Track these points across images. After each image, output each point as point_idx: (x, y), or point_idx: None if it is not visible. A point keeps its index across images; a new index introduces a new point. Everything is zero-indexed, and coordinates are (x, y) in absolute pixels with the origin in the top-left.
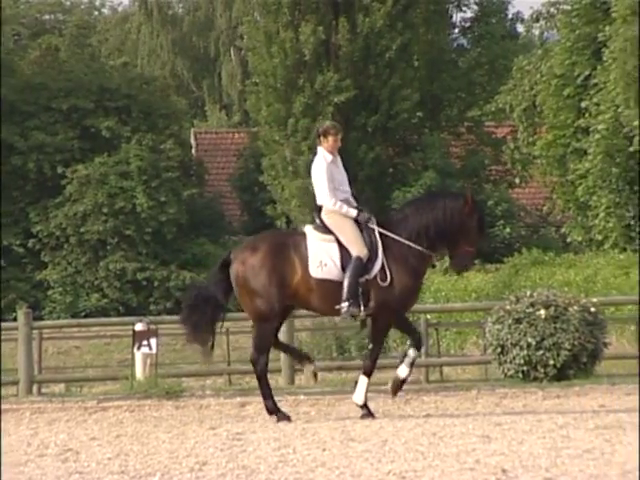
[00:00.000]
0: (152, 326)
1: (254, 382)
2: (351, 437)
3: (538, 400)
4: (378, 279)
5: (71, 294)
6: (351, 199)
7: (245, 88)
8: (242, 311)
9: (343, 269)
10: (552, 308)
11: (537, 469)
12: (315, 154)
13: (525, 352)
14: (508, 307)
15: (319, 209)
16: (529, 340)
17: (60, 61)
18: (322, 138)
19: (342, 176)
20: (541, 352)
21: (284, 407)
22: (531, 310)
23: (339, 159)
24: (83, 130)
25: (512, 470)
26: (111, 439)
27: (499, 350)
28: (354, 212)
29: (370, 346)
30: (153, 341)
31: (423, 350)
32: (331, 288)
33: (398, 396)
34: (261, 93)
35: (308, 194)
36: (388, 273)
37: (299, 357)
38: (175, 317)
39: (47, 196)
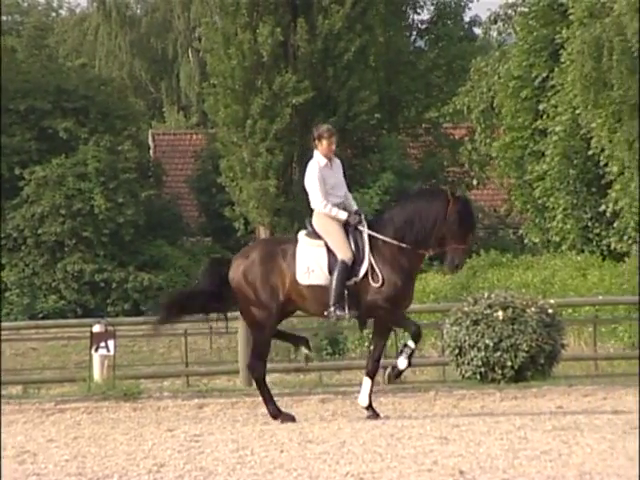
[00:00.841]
0: (110, 328)
1: (212, 384)
2: (309, 439)
3: (496, 401)
4: (369, 280)
5: (28, 296)
6: (350, 202)
7: (203, 89)
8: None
9: (331, 273)
10: (510, 310)
11: (495, 470)
12: (272, 155)
13: (483, 353)
14: (466, 309)
15: (312, 214)
16: (487, 341)
17: (17, 62)
18: (317, 142)
19: (337, 180)
20: (499, 354)
21: (241, 409)
22: (489, 312)
23: (337, 162)
24: (40, 131)
25: (470, 471)
26: (68, 441)
27: (457, 351)
28: (344, 215)
29: (372, 347)
30: (111, 343)
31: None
32: (320, 293)
33: (355, 397)
34: (219, 94)
35: (266, 195)
36: (379, 274)
37: (295, 340)
38: (133, 318)
39: (4, 197)
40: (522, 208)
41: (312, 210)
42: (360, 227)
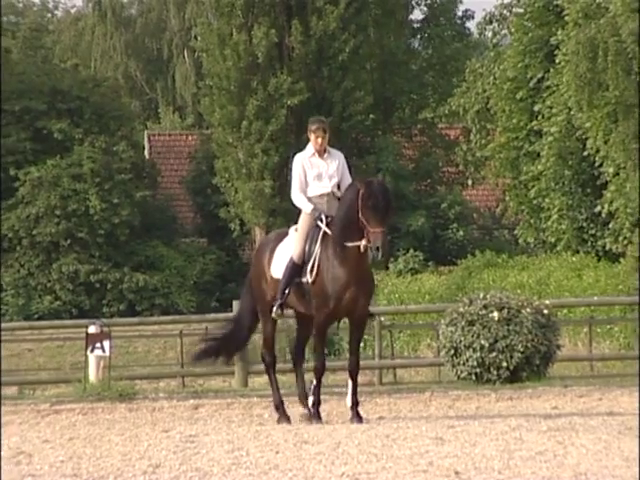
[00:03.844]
0: (105, 328)
1: (207, 385)
2: (304, 439)
3: (491, 402)
4: (308, 279)
5: (24, 296)
6: (336, 192)
7: (199, 90)
8: (195, 313)
9: None
10: (505, 310)
11: (490, 471)
12: (267, 156)
13: (478, 354)
14: (461, 309)
15: None
16: (482, 342)
17: (12, 63)
18: (310, 135)
19: (324, 170)
20: (494, 354)
21: (237, 410)
22: (484, 312)
23: (333, 154)
24: (35, 132)
25: (465, 472)
26: (64, 442)
27: (452, 352)
28: (308, 207)
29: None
30: (106, 343)
31: (377, 352)
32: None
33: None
34: (214, 95)
35: (261, 196)
36: (314, 273)
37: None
38: (129, 319)
39: None
40: (517, 209)
41: None
42: (319, 223)
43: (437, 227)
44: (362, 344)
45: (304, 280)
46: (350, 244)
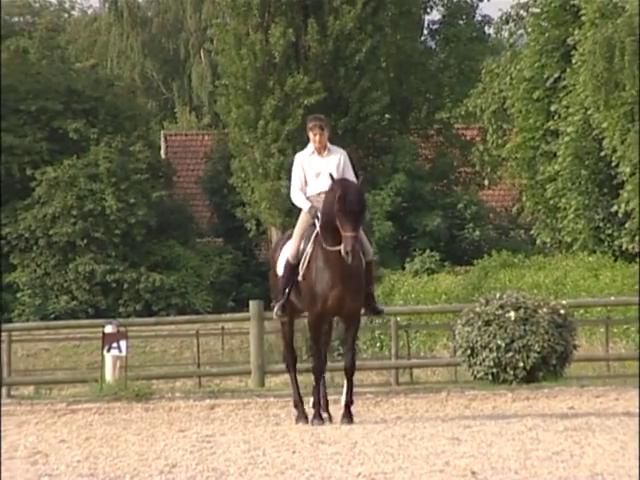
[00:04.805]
0: (122, 328)
1: (224, 384)
2: (321, 439)
3: (507, 402)
4: (300, 277)
5: (40, 296)
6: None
7: (215, 90)
8: (211, 313)
9: None
10: (521, 310)
11: (506, 471)
12: (284, 156)
13: (494, 354)
14: (478, 309)
15: None
16: (498, 342)
17: (29, 63)
18: (308, 132)
19: (324, 168)
20: (510, 354)
21: (253, 410)
22: (501, 312)
23: (334, 152)
24: (52, 132)
25: (481, 472)
26: (80, 442)
27: (469, 352)
28: (306, 205)
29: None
30: (123, 343)
31: (393, 352)
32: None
33: (367, 398)
34: (231, 95)
35: (278, 196)
36: (303, 272)
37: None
38: (145, 319)
39: (16, 198)
40: (533, 209)
41: None
42: (315, 222)
43: (453, 227)
44: (379, 344)
45: (299, 278)
46: (331, 248)
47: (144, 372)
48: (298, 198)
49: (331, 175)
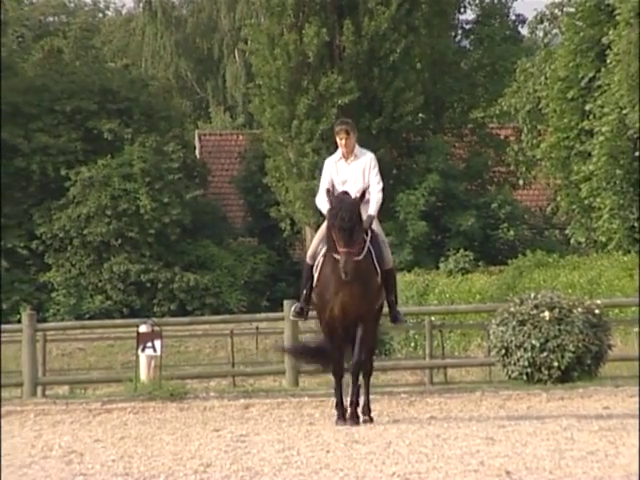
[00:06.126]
0: (156, 328)
1: (258, 384)
2: (355, 439)
3: (542, 402)
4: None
5: (75, 296)
6: (370, 201)
7: (249, 90)
8: (246, 312)
9: None
10: (556, 310)
11: (541, 471)
12: (318, 155)
13: (529, 354)
14: (512, 309)
15: None
16: (533, 342)
17: (63, 63)
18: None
19: (349, 176)
20: (545, 354)
21: (287, 409)
22: (535, 312)
23: (360, 158)
24: (86, 132)
25: (516, 472)
26: (115, 441)
27: (503, 352)
28: (324, 208)
29: None
30: (157, 343)
31: (427, 351)
32: None
33: (401, 398)
34: (265, 95)
35: (312, 196)
36: (316, 277)
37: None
38: (179, 319)
39: (50, 198)
40: (568, 208)
41: None
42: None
43: (487, 227)
44: (413, 344)
45: (314, 283)
46: (336, 256)
47: (178, 372)
48: (321, 202)
49: (328, 190)
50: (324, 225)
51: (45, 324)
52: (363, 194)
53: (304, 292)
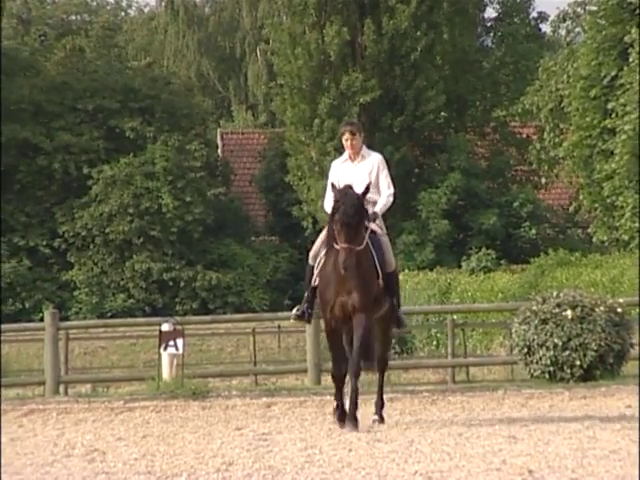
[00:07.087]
0: (178, 326)
1: (280, 382)
2: (377, 438)
3: (564, 401)
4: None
5: (97, 294)
6: (378, 202)
7: (270, 89)
8: (268, 311)
9: None
10: (578, 309)
11: (563, 470)
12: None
13: (551, 353)
14: (534, 307)
15: None
16: (555, 341)
17: (85, 61)
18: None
19: (356, 177)
20: (567, 353)
21: (310, 408)
22: (557, 311)
23: (367, 159)
24: (108, 130)
25: (538, 471)
26: (137, 439)
27: (525, 350)
28: (328, 208)
29: None
30: (179, 341)
31: (449, 350)
32: None
33: (424, 396)
34: (286, 94)
35: None
36: (316, 277)
37: None
38: (202, 317)
39: (73, 196)
40: (590, 207)
41: None
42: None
43: (509, 225)
44: (435, 342)
45: (314, 284)
46: (336, 246)
47: (200, 370)
48: (327, 204)
49: (332, 184)
50: (327, 226)
51: (67, 322)
52: (367, 189)
53: (306, 294)
